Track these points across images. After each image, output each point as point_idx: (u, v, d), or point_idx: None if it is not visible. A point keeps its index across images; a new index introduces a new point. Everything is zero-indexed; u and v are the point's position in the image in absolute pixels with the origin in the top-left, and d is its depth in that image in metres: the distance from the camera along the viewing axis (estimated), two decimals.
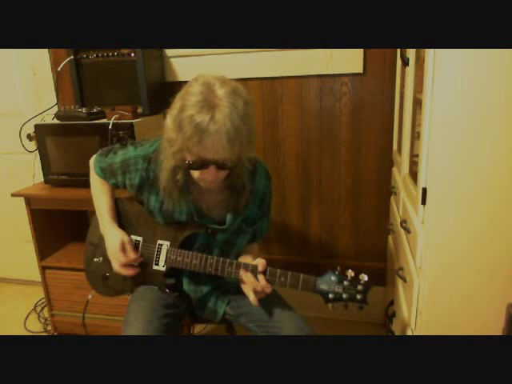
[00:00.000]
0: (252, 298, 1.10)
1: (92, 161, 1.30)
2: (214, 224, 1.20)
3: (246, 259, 1.18)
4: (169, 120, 1.00)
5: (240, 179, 1.13)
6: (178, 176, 1.10)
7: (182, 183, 1.12)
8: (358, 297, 1.03)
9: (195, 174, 1.05)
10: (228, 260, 1.14)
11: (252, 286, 1.08)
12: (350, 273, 1.05)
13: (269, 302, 1.20)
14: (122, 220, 1.28)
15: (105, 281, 1.32)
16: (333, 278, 1.05)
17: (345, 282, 1.04)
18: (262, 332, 1.19)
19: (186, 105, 0.95)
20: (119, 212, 1.29)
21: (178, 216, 1.19)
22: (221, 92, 0.95)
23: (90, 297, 1.62)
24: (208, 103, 0.93)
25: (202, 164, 1.00)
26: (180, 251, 1.18)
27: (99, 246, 1.32)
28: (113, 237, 1.21)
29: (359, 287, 1.04)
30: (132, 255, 1.19)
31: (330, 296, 1.05)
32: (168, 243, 1.21)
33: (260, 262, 1.10)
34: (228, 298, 1.29)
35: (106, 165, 1.25)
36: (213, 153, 0.97)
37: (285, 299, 1.25)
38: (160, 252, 1.22)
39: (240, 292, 1.16)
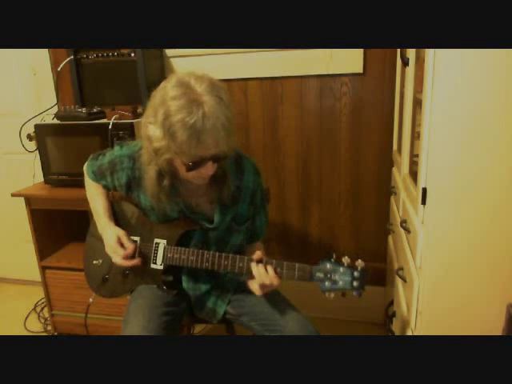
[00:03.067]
0: (256, 288, 1.08)
1: (85, 166, 1.33)
2: (205, 221, 1.20)
3: None
4: (154, 130, 0.98)
5: (222, 169, 1.12)
6: (164, 182, 1.10)
7: (168, 188, 1.12)
8: (355, 284, 1.01)
9: (190, 174, 1.04)
10: (224, 254, 1.14)
11: (261, 279, 1.07)
12: (346, 259, 1.03)
13: (271, 300, 1.20)
14: (118, 221, 1.28)
15: (104, 283, 1.32)
16: (328, 265, 1.03)
17: (341, 269, 1.02)
18: (264, 331, 1.18)
19: (170, 110, 0.93)
20: (115, 213, 1.30)
21: (170, 213, 1.20)
22: (201, 88, 0.94)
23: (91, 300, 1.61)
24: (194, 102, 0.93)
25: (199, 163, 1.00)
26: (177, 248, 1.19)
27: (98, 249, 1.32)
28: (109, 234, 1.23)
29: (356, 274, 1.01)
30: (130, 246, 1.20)
31: (327, 284, 1.03)
32: (165, 241, 1.21)
33: (256, 254, 1.09)
34: (228, 297, 1.29)
35: (96, 167, 1.27)
36: (213, 148, 0.97)
37: (287, 298, 1.25)
38: (157, 251, 1.22)
39: (241, 291, 1.16)
